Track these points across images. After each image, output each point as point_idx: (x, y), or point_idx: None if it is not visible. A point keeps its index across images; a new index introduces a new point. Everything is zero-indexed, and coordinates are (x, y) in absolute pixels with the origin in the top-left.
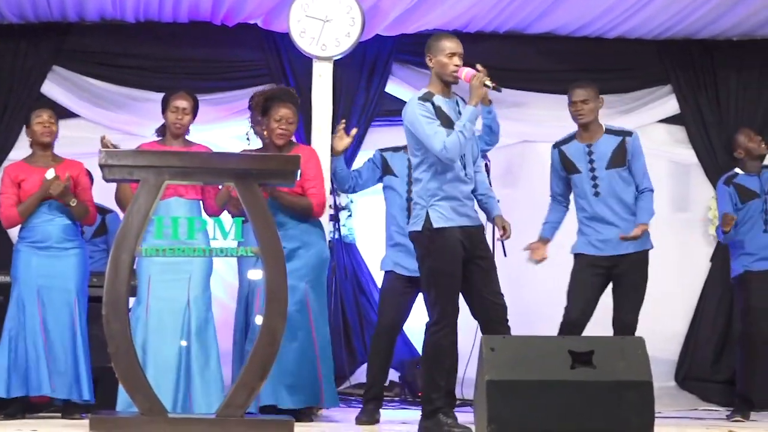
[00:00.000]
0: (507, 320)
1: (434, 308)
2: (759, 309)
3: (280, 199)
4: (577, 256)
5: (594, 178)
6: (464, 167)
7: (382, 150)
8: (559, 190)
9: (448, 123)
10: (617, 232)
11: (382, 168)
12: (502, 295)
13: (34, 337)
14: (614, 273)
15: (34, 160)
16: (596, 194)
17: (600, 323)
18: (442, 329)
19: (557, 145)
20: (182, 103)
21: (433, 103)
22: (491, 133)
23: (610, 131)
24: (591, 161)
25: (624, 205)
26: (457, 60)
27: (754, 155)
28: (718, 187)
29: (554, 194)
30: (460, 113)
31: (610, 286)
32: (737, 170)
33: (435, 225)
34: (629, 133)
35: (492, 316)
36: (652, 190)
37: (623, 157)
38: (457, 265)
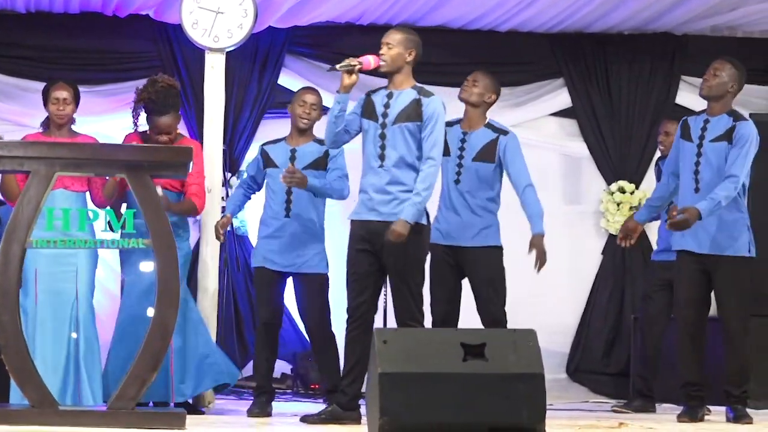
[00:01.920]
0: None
1: None
2: (650, 298)
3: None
4: (431, 246)
5: (459, 165)
6: (381, 158)
7: (263, 144)
8: None
9: (369, 113)
10: (461, 224)
11: (264, 162)
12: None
13: None
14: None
15: None
16: (456, 182)
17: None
18: (348, 323)
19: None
20: (62, 93)
21: (368, 95)
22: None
23: (490, 126)
24: (461, 149)
25: (475, 199)
26: (382, 49)
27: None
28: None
29: None
30: (386, 105)
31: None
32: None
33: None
34: (505, 132)
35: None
36: (532, 185)
37: (492, 153)
38: (353, 258)
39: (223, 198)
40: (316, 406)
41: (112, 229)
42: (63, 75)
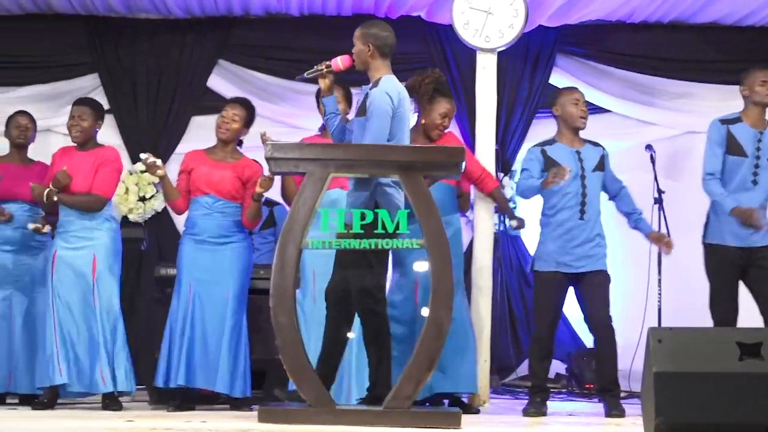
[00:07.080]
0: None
1: None
2: None
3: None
4: (713, 246)
5: (757, 166)
6: None
7: (540, 145)
8: (720, 167)
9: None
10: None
11: (546, 163)
12: None
13: (185, 329)
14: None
15: (212, 152)
16: (754, 182)
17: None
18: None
19: (725, 122)
20: None
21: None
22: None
23: None
24: (758, 149)
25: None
26: None
27: None
28: None
29: (715, 172)
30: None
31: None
32: None
33: None
34: None
35: None
36: None
37: None
38: None
39: None
40: (591, 405)
41: (385, 230)
42: (334, 76)
